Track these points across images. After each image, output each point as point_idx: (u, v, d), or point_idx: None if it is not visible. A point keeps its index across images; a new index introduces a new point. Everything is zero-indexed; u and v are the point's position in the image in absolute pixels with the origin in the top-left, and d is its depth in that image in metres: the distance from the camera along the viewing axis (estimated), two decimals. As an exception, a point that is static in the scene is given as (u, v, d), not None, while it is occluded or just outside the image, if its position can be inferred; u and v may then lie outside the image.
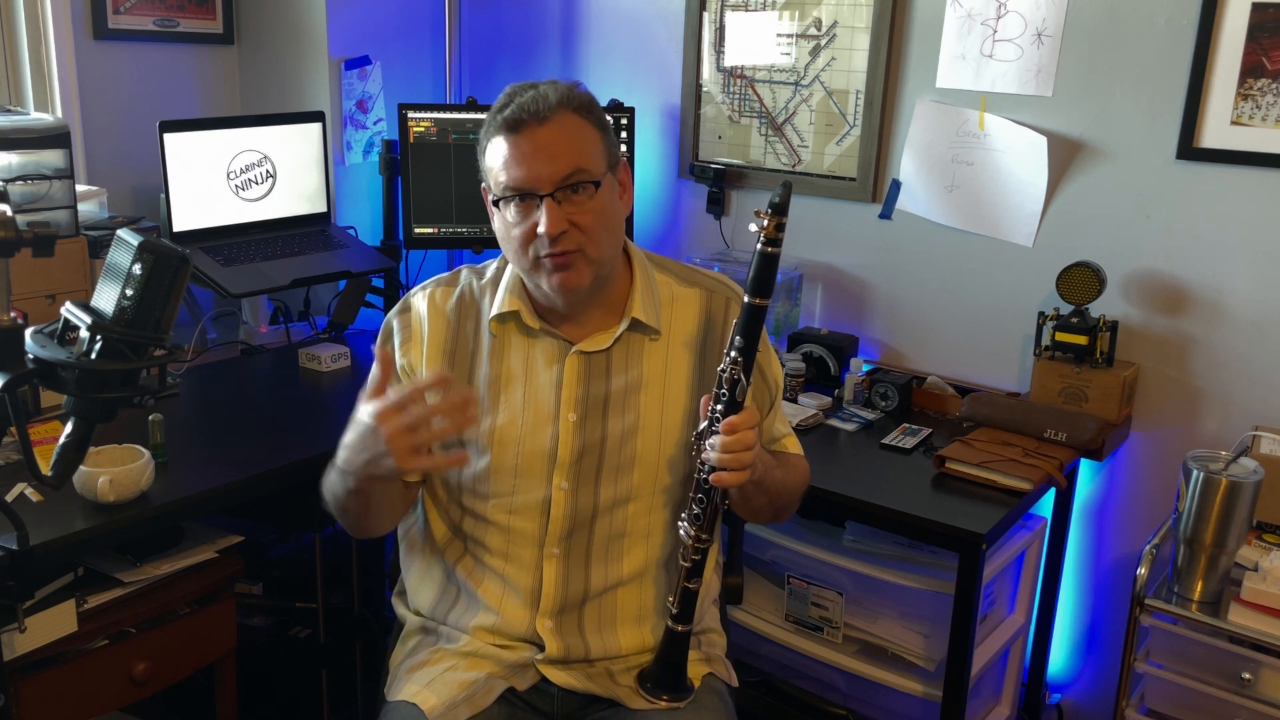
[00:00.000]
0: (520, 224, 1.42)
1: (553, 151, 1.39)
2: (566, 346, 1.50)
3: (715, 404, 1.38)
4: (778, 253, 1.34)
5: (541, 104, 1.39)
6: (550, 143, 1.39)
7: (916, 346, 2.53)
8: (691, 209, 2.81)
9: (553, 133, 1.39)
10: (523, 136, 1.39)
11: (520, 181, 1.39)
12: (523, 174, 1.39)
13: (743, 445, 1.35)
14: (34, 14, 2.49)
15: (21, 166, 2.10)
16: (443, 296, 1.55)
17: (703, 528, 1.42)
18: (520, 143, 1.39)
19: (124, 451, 1.73)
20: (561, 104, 1.40)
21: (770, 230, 1.32)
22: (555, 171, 1.39)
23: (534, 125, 1.39)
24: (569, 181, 1.39)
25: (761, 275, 1.35)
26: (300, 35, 2.80)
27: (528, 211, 1.41)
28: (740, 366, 1.36)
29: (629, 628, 1.53)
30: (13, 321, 1.21)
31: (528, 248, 1.42)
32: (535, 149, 1.39)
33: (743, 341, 1.36)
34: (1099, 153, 2.22)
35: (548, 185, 1.39)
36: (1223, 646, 1.82)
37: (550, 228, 1.38)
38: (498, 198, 1.43)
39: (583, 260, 1.42)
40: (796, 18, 2.54)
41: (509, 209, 1.42)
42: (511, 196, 1.41)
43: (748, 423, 1.36)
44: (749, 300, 1.36)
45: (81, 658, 1.67)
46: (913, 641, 2.08)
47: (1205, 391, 2.18)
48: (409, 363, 1.53)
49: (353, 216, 2.90)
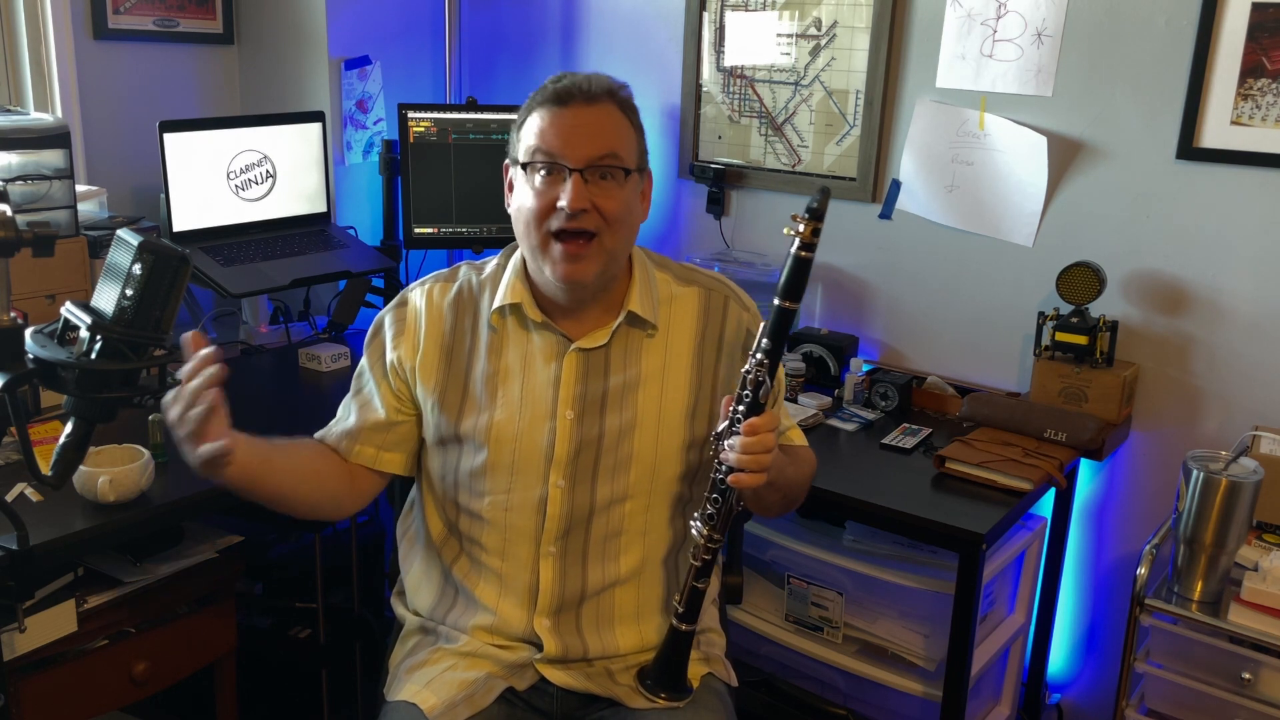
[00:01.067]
0: (543, 194, 1.41)
1: (592, 131, 1.41)
2: (565, 343, 1.50)
3: (737, 405, 1.37)
4: (811, 258, 1.35)
5: (594, 85, 1.43)
6: (591, 122, 1.41)
7: (916, 346, 2.53)
8: (691, 209, 2.81)
9: (596, 115, 1.42)
10: (568, 110, 1.41)
11: (555, 148, 1.40)
12: (559, 143, 1.40)
13: (763, 447, 1.35)
14: (34, 14, 2.49)
15: (21, 166, 2.10)
16: (440, 292, 1.55)
17: (716, 527, 1.42)
18: (564, 115, 1.41)
19: (124, 451, 1.73)
20: (610, 94, 1.44)
21: (807, 235, 1.33)
22: (591, 149, 1.40)
23: (581, 103, 1.41)
24: (601, 163, 1.41)
25: (793, 279, 1.35)
26: (300, 35, 2.80)
27: (553, 184, 1.41)
28: (766, 369, 1.36)
29: (627, 627, 1.53)
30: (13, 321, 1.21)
31: (543, 222, 1.42)
32: (577, 124, 1.41)
33: (770, 344, 1.36)
34: (1099, 153, 2.22)
35: (580, 161, 1.40)
36: (1223, 646, 1.82)
37: (573, 201, 1.39)
38: (527, 161, 1.43)
39: (595, 249, 1.42)
40: (796, 18, 2.54)
41: (535, 175, 1.42)
42: (541, 163, 1.41)
43: (769, 425, 1.36)
44: (779, 303, 1.36)
45: (81, 658, 1.67)
46: (913, 641, 2.08)
47: (1205, 391, 2.18)
48: (399, 356, 1.52)
49: (353, 216, 2.90)
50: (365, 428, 1.53)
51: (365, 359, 1.57)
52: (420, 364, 1.51)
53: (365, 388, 1.56)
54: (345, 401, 1.59)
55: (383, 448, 1.54)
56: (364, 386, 1.56)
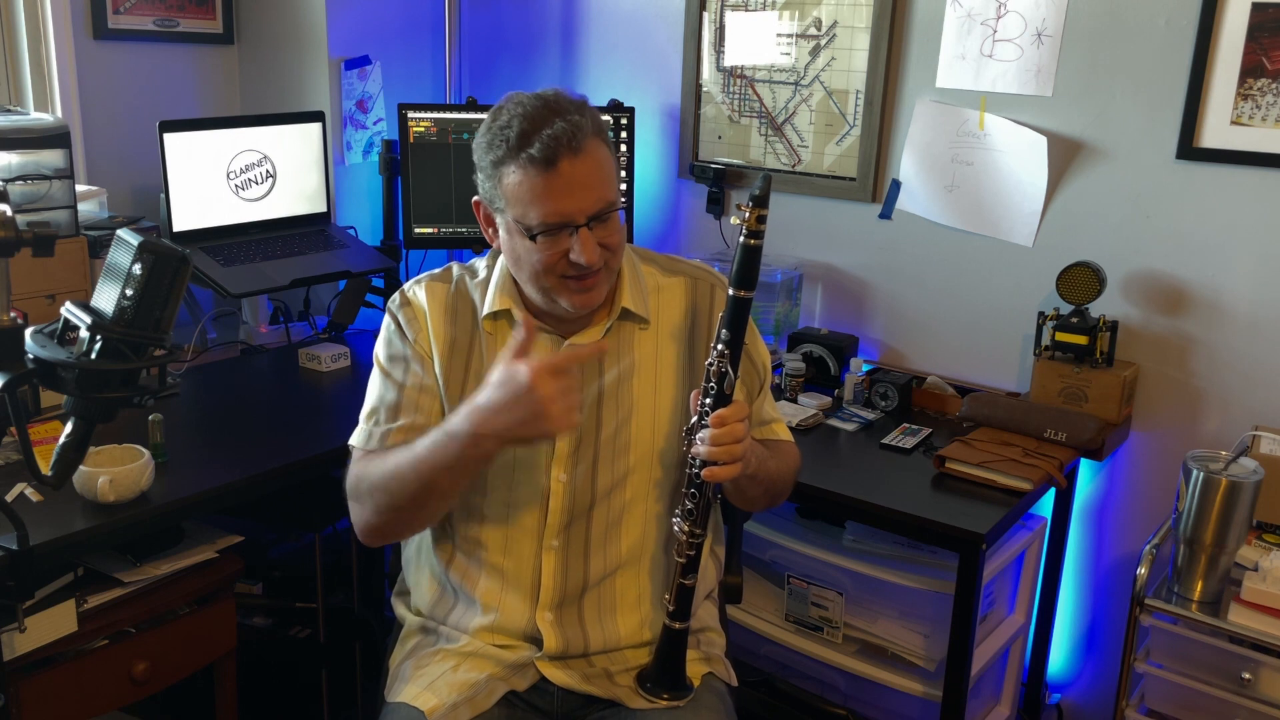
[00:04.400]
0: (549, 250, 1.40)
1: (588, 184, 1.38)
2: (559, 341, 1.51)
3: (704, 398, 1.38)
4: (760, 245, 1.35)
5: (578, 135, 1.35)
6: (586, 176, 1.37)
7: (916, 346, 2.53)
8: (691, 209, 2.81)
9: (587, 166, 1.37)
10: (558, 172, 1.36)
11: (559, 217, 1.38)
12: (561, 209, 1.37)
13: (732, 438, 1.36)
14: (34, 14, 2.49)
15: (21, 166, 2.10)
16: (440, 290, 1.55)
17: (695, 522, 1.42)
18: (556, 177, 1.36)
19: (124, 451, 1.73)
20: (594, 133, 1.39)
21: (751, 223, 1.34)
22: (592, 204, 1.38)
23: (569, 158, 1.36)
24: (602, 212, 1.40)
25: (744, 267, 1.36)
26: (300, 35, 2.80)
27: (558, 241, 1.40)
28: (727, 359, 1.36)
29: (628, 614, 1.54)
30: (13, 321, 1.21)
31: (552, 273, 1.42)
32: (572, 184, 1.37)
33: (729, 335, 1.37)
34: (1099, 153, 2.22)
35: (583, 217, 1.38)
36: (1223, 646, 1.82)
37: (591, 257, 1.38)
38: (534, 232, 1.39)
39: (604, 277, 1.44)
40: (796, 18, 2.54)
41: (541, 239, 1.40)
42: (552, 229, 1.39)
43: (736, 415, 1.37)
44: (733, 293, 1.37)
45: (81, 658, 1.67)
46: (913, 641, 2.08)
47: (1205, 391, 2.18)
48: (424, 351, 1.52)
49: (353, 216, 2.90)
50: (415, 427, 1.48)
51: (391, 360, 1.52)
52: (436, 357, 1.51)
53: (399, 395, 1.50)
54: (378, 412, 1.51)
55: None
56: (398, 395, 1.50)
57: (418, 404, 1.50)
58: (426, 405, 1.50)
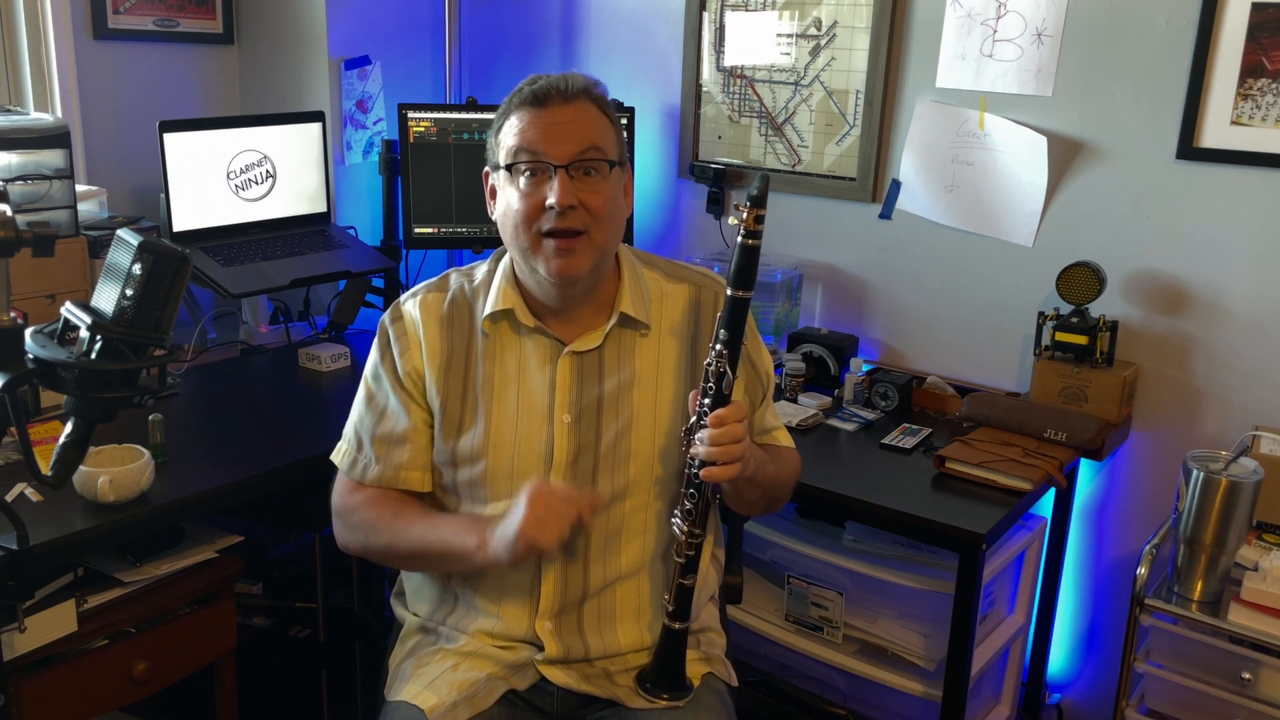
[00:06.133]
0: (529, 195, 1.42)
1: (571, 128, 1.42)
2: (559, 347, 1.50)
3: (702, 398, 1.38)
4: (758, 245, 1.35)
5: (570, 84, 1.43)
6: (571, 119, 1.42)
7: (916, 346, 2.53)
8: (691, 209, 2.81)
9: (575, 112, 1.43)
10: (546, 110, 1.42)
11: (538, 147, 1.41)
12: (541, 142, 1.41)
13: (731, 438, 1.36)
14: (34, 14, 2.49)
15: (21, 166, 2.10)
16: (435, 302, 1.54)
17: (695, 523, 1.42)
18: (543, 115, 1.42)
19: (124, 451, 1.73)
20: (585, 91, 1.44)
21: (749, 223, 1.34)
22: (573, 145, 1.41)
23: (559, 102, 1.42)
24: (584, 158, 1.41)
25: (743, 268, 1.36)
26: (300, 35, 2.80)
27: (538, 184, 1.42)
28: (725, 360, 1.36)
29: (628, 624, 1.53)
30: (13, 321, 1.21)
31: (532, 223, 1.42)
32: (556, 122, 1.41)
33: (727, 335, 1.37)
34: (1099, 153, 2.22)
35: (564, 157, 1.41)
36: (1223, 646, 1.82)
37: (561, 198, 1.39)
38: (510, 163, 1.43)
39: (586, 245, 1.43)
40: (796, 18, 2.54)
41: (519, 178, 1.42)
42: (525, 163, 1.42)
43: (735, 416, 1.37)
44: (731, 293, 1.37)
45: (81, 658, 1.67)
46: (913, 641, 2.08)
47: (1205, 391, 2.18)
48: (413, 368, 1.52)
49: (353, 216, 2.90)
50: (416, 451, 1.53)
51: (376, 380, 1.54)
52: (427, 372, 1.51)
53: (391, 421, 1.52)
54: (368, 432, 1.54)
55: (427, 468, 1.54)
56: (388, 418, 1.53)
57: (394, 425, 1.52)
58: (404, 425, 1.52)
